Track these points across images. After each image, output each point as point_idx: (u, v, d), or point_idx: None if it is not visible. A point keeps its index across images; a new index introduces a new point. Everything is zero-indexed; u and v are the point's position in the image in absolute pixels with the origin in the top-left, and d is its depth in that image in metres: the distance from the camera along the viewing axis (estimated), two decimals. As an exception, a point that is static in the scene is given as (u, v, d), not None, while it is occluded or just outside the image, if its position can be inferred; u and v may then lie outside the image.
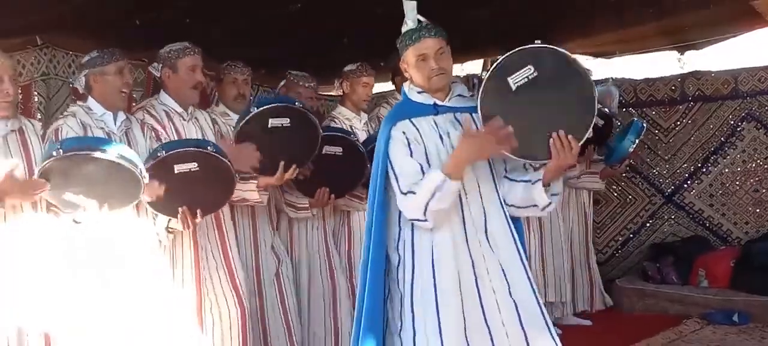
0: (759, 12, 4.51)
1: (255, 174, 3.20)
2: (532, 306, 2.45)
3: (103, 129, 2.93)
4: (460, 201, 2.43)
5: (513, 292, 2.44)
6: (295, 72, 3.97)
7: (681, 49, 5.75)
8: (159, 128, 3.14)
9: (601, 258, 5.89)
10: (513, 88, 2.33)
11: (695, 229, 5.74)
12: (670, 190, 5.82)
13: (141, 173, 2.64)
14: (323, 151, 3.43)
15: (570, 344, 2.89)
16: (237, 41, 3.94)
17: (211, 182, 2.92)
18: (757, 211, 5.57)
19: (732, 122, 5.61)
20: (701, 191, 5.73)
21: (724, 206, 5.66)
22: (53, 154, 2.53)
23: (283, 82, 4.01)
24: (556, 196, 2.47)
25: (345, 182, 3.64)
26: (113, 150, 2.58)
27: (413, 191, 2.36)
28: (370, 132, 3.99)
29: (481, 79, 2.43)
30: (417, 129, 2.46)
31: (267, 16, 3.75)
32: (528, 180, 2.46)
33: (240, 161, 3.07)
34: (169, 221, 2.98)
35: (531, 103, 2.34)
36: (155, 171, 2.79)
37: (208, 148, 2.89)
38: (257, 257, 3.61)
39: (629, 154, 4.83)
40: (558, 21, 4.58)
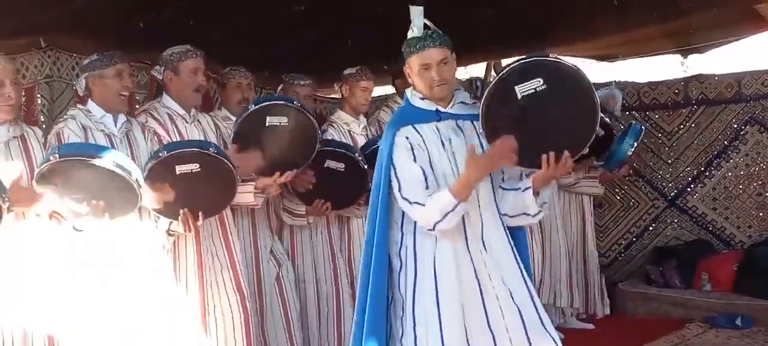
0: (763, 15, 4.49)
1: (253, 176, 3.19)
2: (532, 312, 2.45)
3: (103, 131, 2.93)
4: None
5: (515, 298, 2.45)
6: (291, 73, 3.97)
7: (684, 53, 5.74)
8: (161, 131, 3.14)
9: (604, 262, 5.86)
10: (518, 97, 2.32)
11: (698, 232, 5.72)
12: (673, 193, 5.80)
13: (137, 182, 2.62)
14: (325, 164, 3.44)
15: (572, 348, 2.89)
16: (239, 42, 3.94)
17: (212, 184, 2.92)
18: (761, 214, 5.55)
19: (735, 126, 5.60)
20: (704, 195, 5.71)
21: (728, 210, 5.64)
22: (50, 158, 2.52)
23: (281, 86, 4.02)
24: (545, 204, 2.47)
25: (345, 197, 3.66)
26: (109, 157, 2.57)
27: (421, 203, 2.37)
28: (369, 136, 3.98)
29: (487, 82, 2.42)
30: (420, 135, 2.47)
31: (269, 17, 3.75)
32: (517, 188, 2.47)
33: (245, 168, 3.08)
34: (170, 223, 2.99)
35: (533, 113, 2.33)
36: (157, 172, 2.79)
37: (210, 149, 2.88)
38: (257, 260, 3.61)
39: (628, 158, 4.81)
40: (560, 23, 4.57)
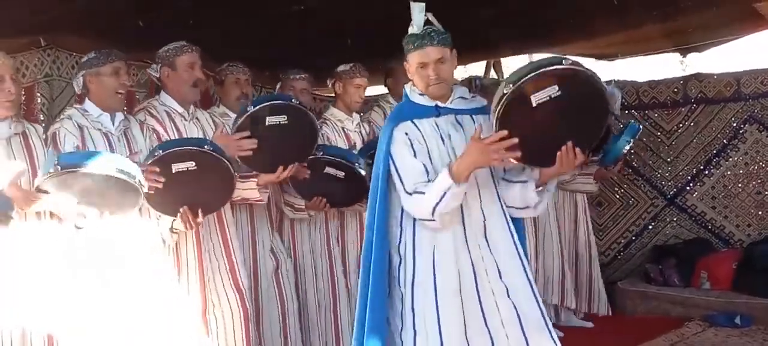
0: (762, 14, 4.49)
1: (255, 173, 3.20)
2: (532, 309, 2.45)
3: (100, 130, 2.93)
4: (461, 204, 2.43)
5: (512, 294, 2.45)
6: (288, 70, 3.97)
7: (683, 52, 5.74)
8: (160, 129, 3.15)
9: (603, 260, 5.86)
10: (533, 105, 2.29)
11: (697, 231, 5.72)
12: (672, 192, 5.80)
13: (139, 182, 2.62)
14: (325, 170, 3.44)
15: (571, 346, 2.90)
16: (239, 42, 3.94)
17: (210, 181, 2.92)
18: (760, 213, 5.55)
19: (734, 125, 5.60)
20: (703, 194, 5.72)
21: (727, 209, 5.65)
22: (50, 170, 2.49)
23: (279, 84, 4.02)
24: (548, 192, 2.48)
25: (344, 200, 3.66)
26: (110, 163, 2.55)
27: (421, 192, 2.37)
28: (363, 134, 3.98)
29: (492, 83, 2.41)
30: (419, 130, 2.47)
31: (269, 17, 3.75)
32: (525, 181, 2.47)
33: (232, 149, 3.05)
34: (173, 222, 2.99)
35: (547, 118, 2.31)
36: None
37: (206, 146, 2.88)
38: (255, 257, 3.62)
39: (623, 155, 4.80)
40: (560, 23, 4.58)
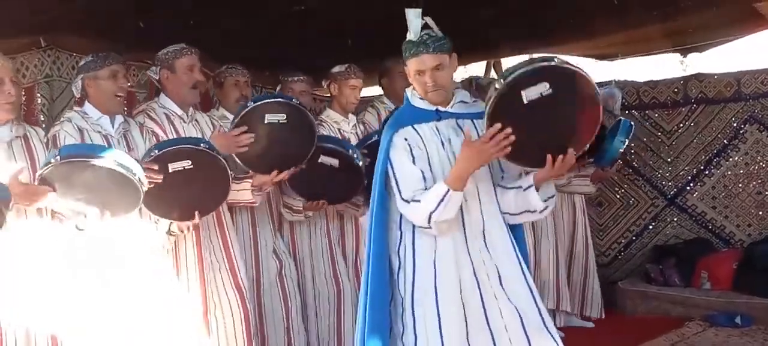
0: (762, 14, 4.50)
1: (250, 173, 3.19)
2: (532, 311, 2.45)
3: (100, 133, 2.93)
4: (461, 208, 2.44)
5: (513, 298, 2.45)
6: (287, 73, 3.96)
7: (684, 52, 5.73)
8: (159, 131, 3.14)
9: (603, 260, 5.88)
10: (525, 102, 2.29)
11: (698, 231, 5.72)
12: (672, 192, 5.80)
13: (139, 180, 2.62)
14: (319, 160, 3.41)
15: (572, 346, 2.90)
16: (239, 43, 3.94)
17: (207, 181, 2.92)
18: (760, 213, 5.55)
19: (735, 125, 5.60)
20: (704, 194, 5.72)
21: (727, 209, 5.65)
22: (52, 161, 2.51)
23: (278, 87, 4.01)
24: (552, 198, 2.47)
25: (341, 192, 3.62)
26: (111, 157, 2.56)
27: (417, 199, 2.37)
28: (359, 135, 3.97)
29: (489, 83, 2.41)
30: (419, 135, 2.47)
31: (269, 18, 3.76)
32: (519, 186, 2.46)
33: (229, 146, 3.05)
34: (170, 225, 2.99)
35: (538, 117, 2.31)
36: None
37: (202, 145, 2.88)
38: (257, 258, 3.62)
39: (619, 155, 4.79)
40: (560, 23, 4.58)
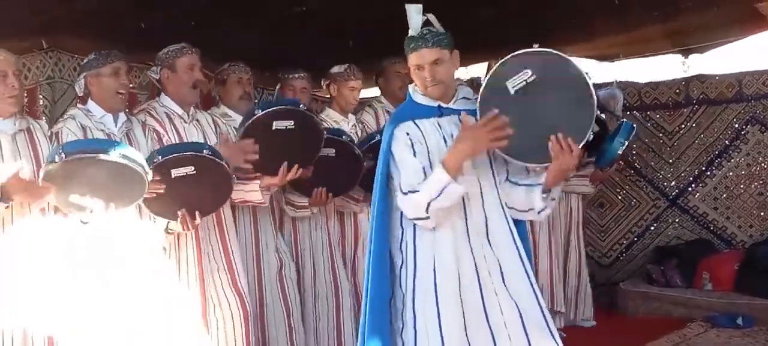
0: (763, 14, 4.49)
1: (257, 174, 3.20)
2: (534, 309, 2.45)
3: (103, 131, 2.94)
4: (463, 203, 2.44)
5: (514, 295, 2.44)
6: (288, 70, 3.96)
7: (685, 53, 5.74)
8: (160, 130, 3.15)
9: (605, 261, 5.90)
10: (511, 92, 2.34)
11: (699, 232, 5.73)
12: (674, 193, 5.81)
13: (144, 169, 2.64)
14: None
15: (573, 346, 2.90)
16: (240, 43, 3.95)
17: (209, 184, 2.93)
18: (761, 214, 5.56)
19: (736, 126, 5.61)
20: (705, 195, 5.72)
21: (729, 210, 5.65)
22: (55, 159, 2.52)
23: (278, 85, 4.01)
24: (553, 201, 2.47)
25: (342, 182, 3.63)
26: (115, 151, 2.58)
27: (416, 189, 2.37)
28: (358, 135, 3.97)
29: (481, 83, 2.43)
30: (420, 130, 2.48)
31: (270, 18, 3.76)
32: (530, 184, 2.46)
33: (238, 157, 3.06)
34: (168, 223, 3.00)
35: (530, 106, 2.34)
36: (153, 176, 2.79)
37: (204, 151, 2.88)
38: (258, 257, 3.61)
39: (619, 156, 4.79)
40: (560, 23, 4.58)
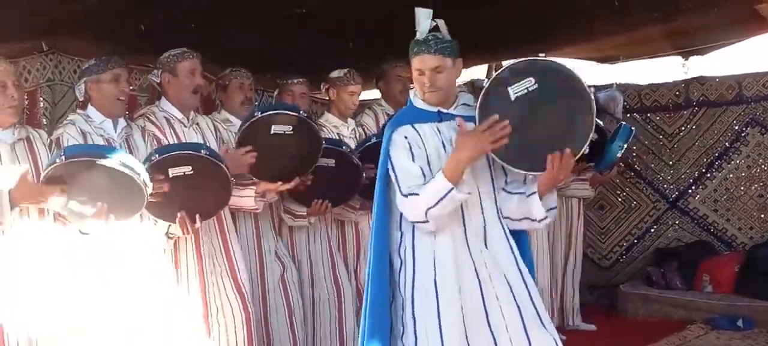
0: (763, 16, 4.49)
1: (254, 180, 3.19)
2: (531, 310, 2.45)
3: (102, 136, 2.94)
4: (461, 209, 2.44)
5: (514, 297, 2.44)
6: (286, 76, 3.95)
7: (685, 55, 5.74)
8: (160, 135, 3.15)
9: (605, 263, 5.90)
10: (512, 99, 2.34)
11: (700, 234, 5.73)
12: (674, 195, 5.81)
13: (144, 182, 2.62)
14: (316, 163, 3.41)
15: (573, 349, 2.90)
16: (240, 45, 3.95)
17: (207, 186, 2.92)
18: (762, 216, 5.56)
19: (736, 127, 5.61)
20: (706, 196, 5.72)
21: (729, 211, 5.65)
22: (56, 161, 2.52)
23: (277, 91, 4.01)
24: (553, 210, 2.47)
25: (340, 192, 3.62)
26: (115, 158, 2.57)
27: (415, 193, 2.37)
28: (357, 139, 3.97)
29: (482, 87, 2.44)
30: (419, 134, 2.48)
31: (270, 20, 3.76)
32: (522, 192, 2.47)
33: (238, 165, 3.06)
34: (169, 227, 2.99)
35: (529, 114, 2.35)
36: (150, 175, 2.79)
37: (202, 151, 2.88)
38: (261, 262, 3.61)
39: (618, 160, 4.79)
40: (560, 24, 4.58)
